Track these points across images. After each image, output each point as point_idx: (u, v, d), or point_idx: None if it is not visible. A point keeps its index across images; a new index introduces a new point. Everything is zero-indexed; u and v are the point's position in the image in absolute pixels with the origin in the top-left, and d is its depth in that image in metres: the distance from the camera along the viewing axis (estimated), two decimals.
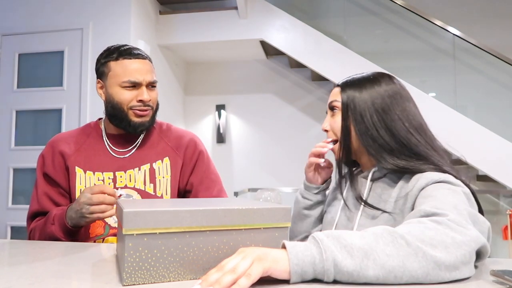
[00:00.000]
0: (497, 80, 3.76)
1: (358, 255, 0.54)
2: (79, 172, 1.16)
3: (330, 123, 0.96)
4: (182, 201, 0.81)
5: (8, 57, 3.39)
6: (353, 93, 0.91)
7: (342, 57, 3.58)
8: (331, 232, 0.58)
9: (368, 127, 0.88)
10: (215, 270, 0.53)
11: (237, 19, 3.73)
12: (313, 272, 0.55)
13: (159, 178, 1.18)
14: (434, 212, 0.64)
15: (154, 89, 1.21)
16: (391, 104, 0.88)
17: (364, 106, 0.89)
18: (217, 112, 4.48)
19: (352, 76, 0.96)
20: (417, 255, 0.55)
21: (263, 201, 1.20)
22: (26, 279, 0.59)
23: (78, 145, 1.21)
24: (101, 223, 1.13)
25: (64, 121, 3.26)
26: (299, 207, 1.06)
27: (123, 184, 1.15)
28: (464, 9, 4.11)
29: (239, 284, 0.50)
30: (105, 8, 3.33)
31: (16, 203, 3.28)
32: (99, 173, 1.16)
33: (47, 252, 0.82)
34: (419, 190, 0.78)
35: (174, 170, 1.20)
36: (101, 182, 1.15)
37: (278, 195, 1.24)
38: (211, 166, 1.27)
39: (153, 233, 0.57)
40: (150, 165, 1.19)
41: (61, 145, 1.20)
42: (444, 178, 0.77)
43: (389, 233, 0.57)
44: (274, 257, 0.54)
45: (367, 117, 0.88)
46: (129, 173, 1.17)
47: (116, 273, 0.64)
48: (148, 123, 1.19)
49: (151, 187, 1.16)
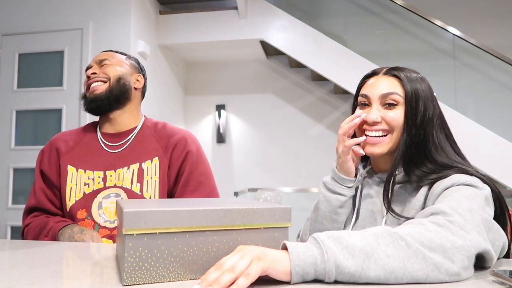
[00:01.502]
0: (497, 80, 3.76)
1: (359, 256, 0.54)
2: (71, 171, 1.18)
3: (385, 117, 0.85)
4: (182, 201, 0.81)
5: (8, 57, 3.39)
6: (417, 86, 0.85)
7: (342, 57, 3.58)
8: (332, 233, 0.58)
9: (433, 127, 0.84)
10: (213, 269, 0.53)
11: (237, 19, 3.73)
12: (314, 273, 0.54)
13: (147, 178, 1.16)
14: (443, 211, 0.63)
15: (106, 65, 1.24)
16: (437, 103, 0.87)
17: (428, 103, 0.85)
18: (217, 112, 4.48)
19: (397, 67, 0.90)
20: (417, 256, 0.55)
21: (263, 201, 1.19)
22: (26, 279, 0.59)
23: (75, 144, 1.24)
24: (91, 222, 1.14)
25: (64, 121, 3.25)
26: (331, 207, 0.91)
27: (113, 183, 1.16)
28: (464, 9, 4.11)
29: (238, 284, 0.50)
30: (105, 8, 3.33)
31: (16, 203, 3.27)
32: (90, 171, 1.17)
33: (47, 252, 0.82)
34: (443, 190, 0.76)
35: (162, 172, 1.17)
36: (91, 181, 1.16)
37: (278, 195, 1.23)
38: (201, 167, 1.21)
39: (153, 233, 0.57)
40: (139, 164, 1.18)
41: (59, 143, 1.24)
42: (471, 181, 0.75)
43: (389, 234, 0.57)
44: (273, 257, 0.54)
45: (431, 116, 0.84)
46: (119, 172, 1.17)
47: (116, 273, 0.64)
48: (103, 95, 1.20)
49: (138, 186, 1.15)
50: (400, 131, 0.85)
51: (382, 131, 0.86)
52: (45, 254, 0.80)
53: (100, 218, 1.13)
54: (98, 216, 1.13)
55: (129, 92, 1.24)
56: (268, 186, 4.08)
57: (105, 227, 1.13)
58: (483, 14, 4.07)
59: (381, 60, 3.62)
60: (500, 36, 4.00)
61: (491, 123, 3.39)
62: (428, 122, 0.84)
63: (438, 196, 0.76)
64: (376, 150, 0.86)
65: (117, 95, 1.21)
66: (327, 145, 4.23)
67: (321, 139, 4.27)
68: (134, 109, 1.27)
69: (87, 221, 1.13)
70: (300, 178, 4.19)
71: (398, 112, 0.85)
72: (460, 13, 4.09)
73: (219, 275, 0.51)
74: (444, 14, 3.93)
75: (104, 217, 1.13)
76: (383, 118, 0.86)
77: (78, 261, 0.74)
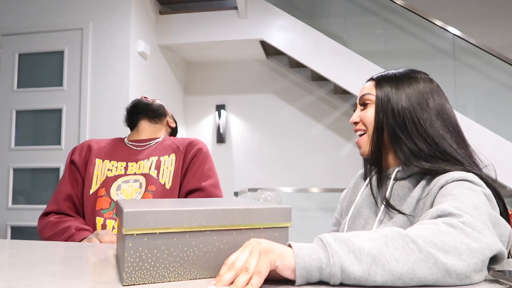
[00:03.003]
0: (497, 80, 3.76)
1: (366, 260, 0.53)
2: (98, 162, 1.35)
3: (360, 115, 0.92)
4: (182, 201, 0.81)
5: (8, 57, 3.39)
6: (389, 87, 0.88)
7: (342, 57, 3.58)
8: (339, 235, 0.56)
9: (401, 125, 0.85)
10: (226, 268, 0.54)
11: (237, 19, 3.73)
12: (319, 276, 0.54)
13: (163, 167, 1.33)
14: (450, 212, 0.62)
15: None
16: (429, 100, 0.86)
17: (400, 103, 0.86)
18: (217, 112, 4.48)
19: (387, 71, 0.93)
20: (428, 261, 0.53)
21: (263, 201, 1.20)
22: (26, 279, 0.59)
23: (105, 143, 1.43)
24: (108, 199, 1.25)
25: (64, 121, 3.25)
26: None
27: (133, 171, 1.32)
28: (464, 9, 4.11)
29: (252, 283, 0.51)
30: (105, 8, 3.33)
31: (16, 203, 3.28)
32: (114, 161, 1.34)
33: (47, 252, 0.82)
34: (439, 188, 0.75)
35: (177, 164, 1.34)
36: (114, 168, 1.32)
37: (278, 195, 1.24)
38: (208, 163, 1.38)
39: (153, 233, 0.57)
40: (158, 157, 1.35)
41: (91, 142, 1.43)
42: (466, 176, 0.74)
43: (400, 236, 0.56)
44: (280, 251, 0.54)
45: (402, 114, 0.85)
46: (140, 163, 1.34)
47: (116, 273, 0.64)
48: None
49: (155, 172, 1.31)
50: (373, 126, 0.90)
51: (360, 131, 0.93)
52: (45, 254, 0.80)
53: (117, 196, 1.25)
54: (116, 196, 1.26)
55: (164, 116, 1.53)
56: (268, 186, 4.08)
57: None
58: (483, 14, 4.07)
59: (381, 60, 3.62)
60: (500, 36, 4.00)
61: (491, 123, 3.39)
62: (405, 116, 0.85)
63: (435, 195, 0.75)
64: (360, 150, 0.94)
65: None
66: (327, 145, 4.24)
67: (321, 139, 4.27)
68: (161, 128, 1.53)
69: (105, 198, 1.25)
70: (300, 178, 4.19)
71: (369, 110, 0.91)
72: (460, 13, 4.09)
73: (233, 275, 0.52)
74: (444, 14, 3.93)
75: (121, 197, 1.25)
76: (360, 118, 0.93)
77: (78, 261, 0.74)
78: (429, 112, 0.85)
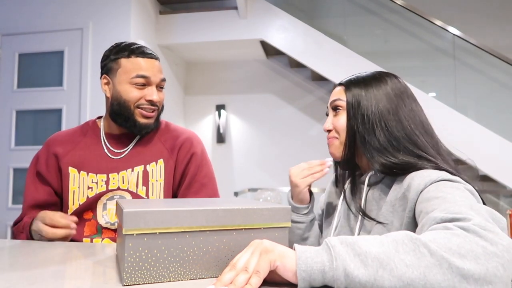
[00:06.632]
0: (497, 80, 3.76)
1: (372, 264, 0.50)
2: (72, 173, 1.14)
3: (333, 122, 0.92)
4: (182, 201, 0.81)
5: (8, 57, 3.39)
6: (359, 92, 0.87)
7: (342, 57, 3.58)
8: (346, 238, 0.55)
9: (369, 130, 0.84)
10: (228, 269, 0.54)
11: (237, 19, 3.73)
12: (323, 280, 0.52)
13: (152, 181, 1.14)
14: (453, 218, 0.57)
15: (162, 90, 1.22)
16: (398, 104, 0.85)
17: (370, 108, 0.85)
18: (217, 112, 4.48)
19: (356, 75, 0.92)
20: (441, 266, 0.49)
21: (263, 201, 1.19)
22: (26, 279, 0.59)
23: (74, 144, 1.19)
24: (94, 222, 1.12)
25: (64, 121, 3.25)
26: (296, 236, 0.99)
27: (116, 186, 1.13)
28: (464, 9, 4.11)
29: (251, 283, 0.51)
30: (105, 8, 3.33)
31: (16, 203, 3.27)
32: (93, 174, 1.14)
33: (47, 252, 0.82)
34: (418, 193, 0.72)
35: (167, 174, 1.16)
36: (94, 185, 1.13)
37: (278, 195, 1.23)
38: (204, 169, 1.20)
39: (153, 233, 0.57)
40: (144, 167, 1.15)
41: (56, 146, 1.19)
42: (443, 176, 0.72)
43: (411, 240, 0.53)
44: (281, 252, 0.54)
45: (371, 120, 0.84)
46: (122, 174, 1.14)
47: (116, 273, 0.64)
48: (153, 125, 1.18)
49: (144, 190, 1.13)
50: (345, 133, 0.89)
51: (333, 138, 0.93)
52: (45, 254, 0.80)
53: (103, 219, 1.12)
54: (101, 218, 1.12)
55: None
56: (268, 186, 4.08)
57: (107, 228, 1.12)
58: (483, 14, 4.07)
59: (381, 60, 3.62)
60: (500, 36, 4.00)
61: (491, 123, 3.39)
62: (374, 122, 0.84)
63: (416, 201, 0.72)
64: (330, 150, 0.93)
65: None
66: (327, 145, 4.23)
67: (321, 139, 4.26)
68: None
69: (93, 221, 1.12)
70: None
71: (341, 117, 0.90)
72: (460, 13, 4.09)
73: (235, 275, 0.52)
74: (444, 14, 3.93)
75: (106, 218, 1.12)
76: (333, 126, 0.92)
77: (78, 261, 0.75)
78: (399, 115, 0.84)
